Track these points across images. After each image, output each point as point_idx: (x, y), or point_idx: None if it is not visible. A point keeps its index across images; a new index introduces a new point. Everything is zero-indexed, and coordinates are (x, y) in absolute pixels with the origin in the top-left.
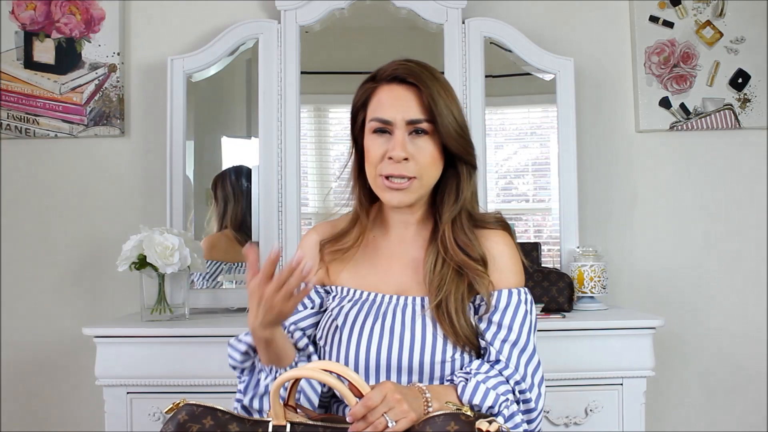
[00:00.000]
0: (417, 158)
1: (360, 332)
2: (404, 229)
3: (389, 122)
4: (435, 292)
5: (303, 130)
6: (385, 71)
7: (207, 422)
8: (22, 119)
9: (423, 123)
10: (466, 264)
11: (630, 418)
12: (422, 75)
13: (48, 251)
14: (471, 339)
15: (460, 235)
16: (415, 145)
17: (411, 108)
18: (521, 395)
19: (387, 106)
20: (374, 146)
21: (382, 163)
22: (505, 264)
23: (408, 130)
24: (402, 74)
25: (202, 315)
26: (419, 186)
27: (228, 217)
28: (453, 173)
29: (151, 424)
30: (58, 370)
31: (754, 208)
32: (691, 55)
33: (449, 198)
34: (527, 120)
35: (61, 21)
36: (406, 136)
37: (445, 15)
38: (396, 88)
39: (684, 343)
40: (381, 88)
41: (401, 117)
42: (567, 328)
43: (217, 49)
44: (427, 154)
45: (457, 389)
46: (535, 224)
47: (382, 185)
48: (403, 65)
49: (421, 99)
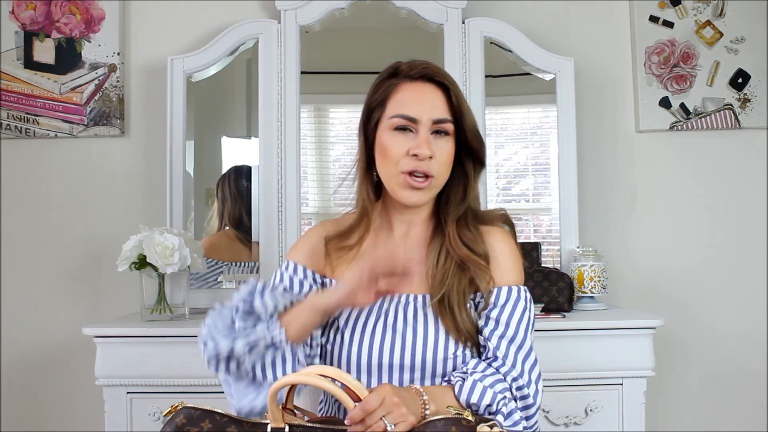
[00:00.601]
0: (438, 157)
1: (362, 331)
2: (407, 228)
3: (414, 120)
4: (438, 287)
5: (303, 130)
6: (410, 69)
7: (205, 425)
8: (22, 119)
9: (447, 123)
10: (469, 258)
11: (630, 418)
12: (447, 76)
13: (48, 251)
14: (472, 334)
15: (465, 232)
16: (437, 144)
17: (437, 107)
18: (519, 392)
19: (413, 104)
20: (395, 143)
21: (403, 159)
22: (506, 261)
23: (432, 129)
24: (431, 73)
25: (202, 315)
26: (435, 185)
27: (228, 216)
28: (461, 173)
29: (151, 424)
30: (58, 370)
31: (754, 207)
32: (691, 55)
33: (456, 197)
34: (527, 120)
35: (61, 21)
36: (430, 135)
37: (445, 15)
38: (422, 86)
39: (684, 343)
40: (404, 86)
41: (428, 116)
42: (567, 328)
43: (217, 49)
44: (446, 155)
45: (454, 389)
46: (535, 224)
47: (404, 182)
48: (429, 65)
49: (446, 99)
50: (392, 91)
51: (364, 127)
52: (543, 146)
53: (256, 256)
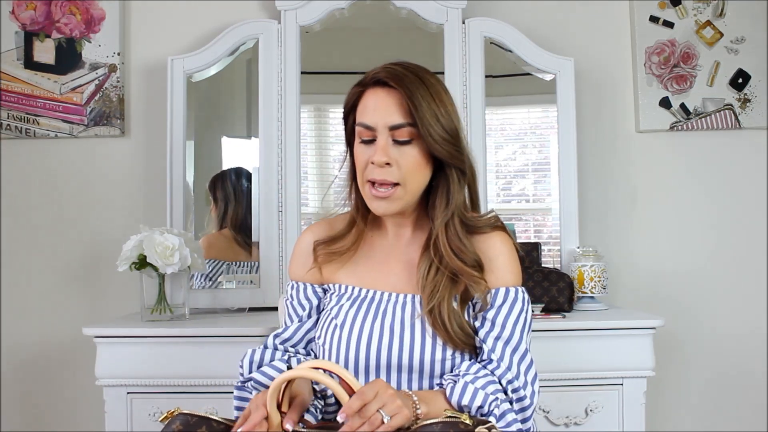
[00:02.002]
0: (400, 163)
1: (360, 331)
2: (400, 231)
3: (371, 127)
4: (428, 299)
5: (303, 130)
6: (370, 75)
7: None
8: (22, 119)
9: (405, 128)
10: (462, 271)
11: (630, 418)
12: (405, 79)
13: (48, 251)
14: (467, 342)
15: (454, 240)
16: (399, 150)
17: (392, 113)
18: (515, 394)
19: (370, 111)
20: (360, 153)
21: (366, 169)
22: (503, 263)
23: (392, 137)
24: (384, 78)
25: (202, 315)
26: (403, 193)
27: (228, 217)
28: (443, 177)
29: (151, 424)
30: (58, 370)
31: (754, 208)
32: (691, 55)
33: (441, 203)
34: (527, 120)
35: (61, 21)
36: (390, 141)
37: (445, 15)
38: (379, 92)
39: (684, 343)
40: (367, 93)
41: (383, 122)
42: (567, 328)
43: (217, 49)
44: (410, 160)
45: (446, 391)
46: (535, 224)
47: (369, 193)
48: (388, 68)
49: (402, 103)
50: (358, 98)
51: (345, 134)
52: (543, 146)
53: (256, 256)
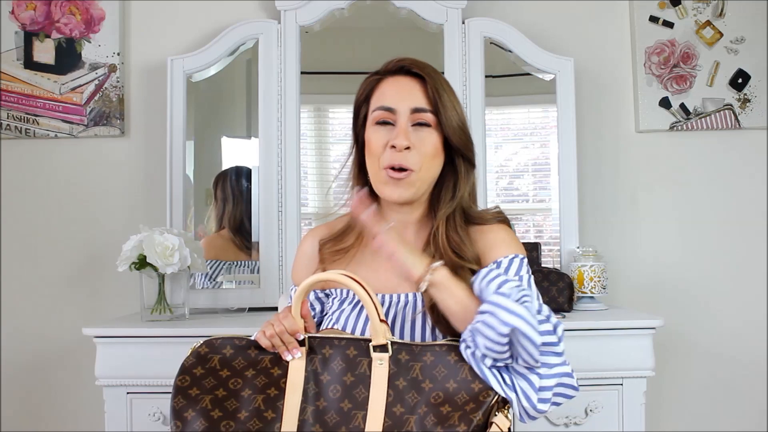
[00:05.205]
0: (419, 149)
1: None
2: (403, 230)
3: (393, 110)
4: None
5: (303, 130)
6: (393, 63)
7: (227, 351)
8: (22, 119)
9: (427, 113)
10: (460, 267)
11: (630, 418)
12: (427, 68)
13: (48, 251)
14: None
15: (453, 234)
16: (418, 135)
17: (416, 97)
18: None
19: (391, 95)
20: (376, 137)
21: (384, 153)
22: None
23: (412, 121)
24: (408, 65)
25: (202, 315)
26: (417, 179)
27: (227, 217)
28: (451, 170)
29: (151, 424)
30: (58, 370)
31: (754, 208)
32: (691, 55)
33: (446, 195)
34: (527, 120)
35: (61, 21)
36: (410, 126)
37: (445, 15)
38: (401, 79)
39: (684, 343)
40: (385, 81)
41: (406, 105)
42: (567, 328)
43: (217, 49)
44: (429, 146)
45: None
46: (535, 224)
47: (384, 178)
48: (408, 59)
49: (425, 90)
50: (374, 86)
51: (354, 126)
52: (543, 146)
53: (256, 256)
